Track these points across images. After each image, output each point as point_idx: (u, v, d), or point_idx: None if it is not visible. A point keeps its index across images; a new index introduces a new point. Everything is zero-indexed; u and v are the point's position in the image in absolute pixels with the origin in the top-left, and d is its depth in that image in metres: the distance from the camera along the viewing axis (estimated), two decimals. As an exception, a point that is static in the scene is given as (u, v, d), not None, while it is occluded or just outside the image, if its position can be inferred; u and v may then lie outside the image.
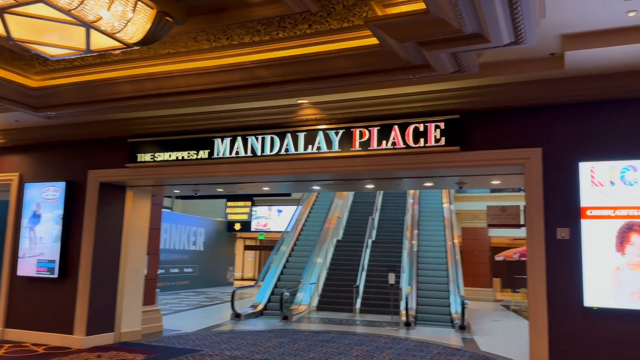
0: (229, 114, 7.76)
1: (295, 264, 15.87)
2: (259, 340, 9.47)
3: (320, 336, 10.12)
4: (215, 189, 9.48)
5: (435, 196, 19.87)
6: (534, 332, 6.01)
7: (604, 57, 5.36)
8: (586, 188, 5.95)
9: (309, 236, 17.37)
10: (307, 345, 9.11)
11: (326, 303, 14.46)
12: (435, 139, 6.73)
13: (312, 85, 5.78)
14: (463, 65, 5.17)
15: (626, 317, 5.65)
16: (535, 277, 6.11)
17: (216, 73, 5.94)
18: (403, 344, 9.46)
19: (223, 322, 12.06)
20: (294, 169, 7.60)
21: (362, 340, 9.71)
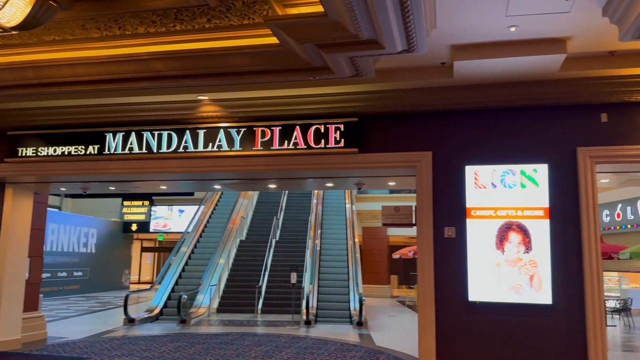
0: (123, 107, 7.36)
1: (195, 266, 15.43)
2: (153, 346, 9.08)
3: (219, 339, 9.92)
4: (107, 187, 8.94)
5: (338, 197, 20.33)
6: (423, 325, 6.33)
7: (488, 67, 5.77)
8: (471, 190, 6.38)
9: (212, 237, 16.99)
10: (204, 348, 8.89)
11: (227, 305, 14.21)
12: (335, 141, 6.86)
13: (211, 81, 5.65)
14: (360, 69, 5.31)
15: (505, 310, 6.13)
16: (424, 273, 6.44)
17: (107, 63, 5.60)
18: (302, 342, 9.55)
19: (115, 328, 11.41)
20: (193, 168, 7.37)
21: (261, 341, 9.66)
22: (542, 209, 6.12)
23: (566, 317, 5.96)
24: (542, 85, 6.13)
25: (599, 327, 5.83)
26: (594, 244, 5.97)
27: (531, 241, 6.09)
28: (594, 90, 6.02)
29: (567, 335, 5.93)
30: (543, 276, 6.01)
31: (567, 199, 6.13)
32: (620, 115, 6.08)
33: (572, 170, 6.18)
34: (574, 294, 5.97)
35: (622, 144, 6.03)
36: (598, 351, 5.79)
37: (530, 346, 6.00)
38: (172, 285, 14.34)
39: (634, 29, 4.18)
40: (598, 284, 5.91)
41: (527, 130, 6.38)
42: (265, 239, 16.77)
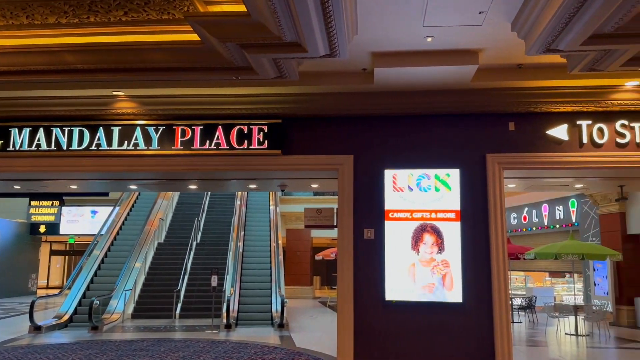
0: (30, 101, 6.87)
1: (109, 270, 14.71)
2: (61, 354, 8.54)
3: (133, 345, 9.52)
4: (12, 186, 8.30)
5: (262, 198, 20.20)
6: (341, 325, 6.43)
7: (406, 75, 5.98)
8: (389, 193, 6.57)
9: (127, 239, 16.27)
10: (117, 356, 8.49)
11: (143, 310, 13.66)
12: (258, 142, 6.81)
13: (127, 76, 5.42)
14: (284, 71, 5.32)
15: (419, 309, 6.37)
16: (343, 274, 6.55)
17: (13, 54, 5.20)
18: (222, 347, 9.38)
19: (19, 336, 10.62)
20: (106, 166, 7.03)
21: (179, 347, 9.38)
22: (454, 211, 6.43)
23: (475, 314, 6.29)
24: (455, 94, 6.44)
25: (505, 323, 6.21)
26: (500, 245, 6.35)
27: (444, 242, 6.38)
28: (502, 100, 6.42)
29: (476, 331, 6.27)
30: (454, 276, 6.31)
31: (476, 203, 6.48)
32: (526, 124, 6.52)
33: (482, 175, 6.54)
34: (482, 293, 6.32)
35: (528, 151, 6.47)
36: (504, 346, 6.16)
37: (443, 342, 6.27)
38: (83, 290, 13.58)
39: (538, 44, 4.50)
40: (504, 282, 6.29)
41: (442, 137, 6.67)
42: (186, 242, 16.33)
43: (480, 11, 4.65)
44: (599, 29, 4.09)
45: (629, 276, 13.81)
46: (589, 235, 15.06)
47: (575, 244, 11.93)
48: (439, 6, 4.59)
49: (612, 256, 11.66)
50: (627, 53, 4.47)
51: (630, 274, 13.82)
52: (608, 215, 14.33)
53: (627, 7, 3.75)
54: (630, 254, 13.70)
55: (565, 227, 16.19)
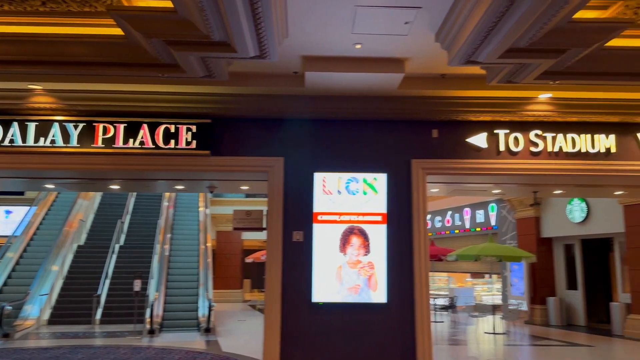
0: None
1: (24, 273, 13.84)
2: (-35, 366, 7.92)
3: (48, 353, 8.98)
4: None
5: (192, 199, 19.72)
6: (268, 327, 6.40)
7: (336, 80, 6.06)
8: (319, 196, 6.63)
9: (44, 241, 15.35)
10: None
11: (60, 316, 12.95)
12: (186, 142, 6.65)
13: (45, 69, 5.11)
14: (213, 71, 5.22)
15: (345, 310, 6.46)
16: (272, 276, 6.52)
17: None
18: (144, 353, 9.06)
19: None
20: (21, 164, 6.59)
21: (97, 354, 8.95)
22: (380, 214, 6.58)
23: (398, 314, 6.47)
24: (383, 100, 6.61)
25: (425, 322, 6.43)
26: (422, 247, 6.58)
27: (370, 244, 6.52)
28: (427, 108, 6.65)
29: (399, 330, 6.44)
30: (379, 277, 6.46)
31: (401, 206, 6.68)
32: (448, 131, 6.80)
33: (407, 180, 6.74)
34: (405, 293, 6.51)
35: (450, 157, 6.75)
36: (425, 344, 6.38)
37: (367, 342, 6.40)
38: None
39: (460, 55, 4.71)
40: (425, 283, 6.52)
41: (369, 142, 6.82)
42: (108, 244, 15.63)
43: (406, 21, 4.81)
44: (515, 43, 4.34)
45: (542, 277, 14.77)
46: (507, 238, 15.95)
47: (494, 247, 12.60)
48: (367, 14, 4.69)
49: (527, 258, 12.42)
50: (540, 67, 4.77)
51: (543, 275, 14.78)
52: (524, 220, 15.25)
53: (540, 24, 4.01)
54: (544, 256, 14.66)
55: (485, 230, 17.06)
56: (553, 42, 4.32)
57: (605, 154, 6.77)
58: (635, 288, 11.82)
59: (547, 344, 11.13)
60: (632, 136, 6.80)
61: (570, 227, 13.82)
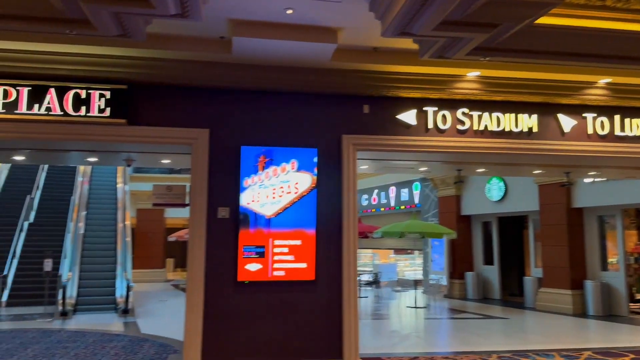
0: None
1: None
2: None
3: (-59, 341, 8.12)
4: None
5: (109, 175, 18.58)
6: (190, 306, 6.10)
7: (266, 48, 5.74)
8: (247, 170, 6.33)
9: (-61, 218, 13.90)
10: None
11: (-42, 299, 11.82)
12: (99, 109, 6.09)
13: None
14: (128, 29, 4.73)
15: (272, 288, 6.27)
16: (195, 254, 6.20)
17: None
18: (55, 336, 8.44)
19: None
20: None
21: (2, 338, 8.22)
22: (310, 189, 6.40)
23: (326, 291, 6.37)
24: (315, 73, 6.37)
25: (352, 298, 6.39)
26: (352, 224, 6.50)
27: (299, 221, 6.34)
28: (359, 83, 6.51)
29: (326, 307, 6.36)
30: (309, 254, 6.32)
31: (331, 182, 6.54)
32: (379, 107, 6.71)
33: (337, 156, 6.61)
34: (333, 270, 6.42)
35: (380, 134, 6.67)
36: (351, 320, 6.34)
37: (295, 321, 6.26)
38: None
39: (393, 26, 4.56)
40: (354, 260, 6.46)
41: (301, 116, 6.60)
42: (15, 222, 14.42)
43: (340, -14, 4.59)
44: (449, 15, 4.24)
45: (461, 253, 15.39)
46: (429, 215, 16.44)
47: (417, 224, 12.90)
48: (300, -24, 4.41)
49: (449, 234, 12.83)
50: (472, 42, 4.74)
51: (462, 251, 15.40)
52: (446, 198, 15.76)
53: (474, -3, 3.93)
54: (463, 232, 15.25)
55: (409, 208, 17.49)
56: (486, 15, 4.27)
57: (528, 134, 6.98)
58: (547, 263, 12.58)
59: (465, 317, 11.61)
60: (553, 116, 7.05)
61: (489, 205, 14.44)
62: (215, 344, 6.10)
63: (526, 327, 10.76)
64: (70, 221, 14.59)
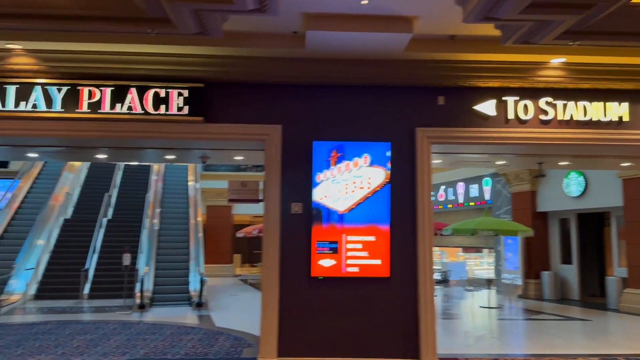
0: None
1: (9, 247, 13.41)
2: (-53, 343, 7.58)
3: (34, 328, 8.67)
4: None
5: (181, 173, 19.26)
6: (265, 302, 6.13)
7: (339, 41, 5.65)
8: (320, 165, 6.28)
9: (29, 215, 14.89)
10: (15, 340, 7.66)
11: (47, 290, 12.61)
12: (177, 107, 6.25)
13: (22, 23, 4.66)
14: (206, 27, 4.81)
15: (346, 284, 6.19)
16: (269, 250, 6.22)
17: None
18: (134, 328, 8.79)
19: None
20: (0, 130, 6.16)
21: (86, 329, 8.66)
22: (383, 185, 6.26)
23: (401, 288, 6.22)
24: (388, 64, 6.22)
25: (429, 296, 6.20)
26: (427, 219, 6.30)
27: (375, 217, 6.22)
28: (433, 73, 6.29)
29: (402, 305, 6.20)
30: (382, 251, 6.19)
31: (405, 177, 6.37)
32: (455, 98, 6.45)
33: (411, 149, 6.42)
34: (408, 267, 6.25)
35: (456, 126, 6.42)
36: (427, 319, 6.16)
37: (369, 318, 6.16)
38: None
39: (477, 10, 4.34)
40: (429, 256, 6.26)
41: (373, 109, 6.47)
42: (95, 218, 15.23)
43: (419, -27, 4.42)
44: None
45: (537, 251, 14.67)
46: (501, 212, 15.79)
47: (490, 221, 12.40)
48: (377, -36, 4.29)
49: (524, 232, 12.24)
50: (562, 25, 4.43)
51: (538, 249, 14.68)
52: (520, 194, 15.07)
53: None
54: (539, 230, 14.51)
55: (479, 204, 16.88)
56: (581, -6, 3.98)
57: (618, 123, 6.48)
58: (632, 262, 11.73)
59: (543, 318, 11.05)
60: (646, 104, 6.52)
61: (567, 201, 13.66)
62: (290, 339, 6.11)
63: (611, 329, 10.08)
64: (146, 217, 15.21)
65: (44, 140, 6.65)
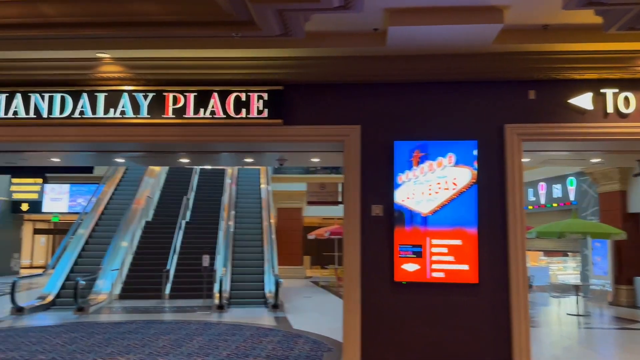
0: (6, 64, 6.22)
1: (95, 249, 14.16)
2: (46, 338, 8.04)
3: (121, 327, 9.04)
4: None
5: (253, 177, 19.65)
6: (347, 307, 5.98)
7: (423, 36, 5.43)
8: (401, 166, 6.08)
9: (113, 218, 15.67)
10: (105, 339, 8.00)
11: (131, 290, 13.19)
12: (258, 111, 6.27)
13: (111, 32, 4.82)
14: (290, 27, 4.76)
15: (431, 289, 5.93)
16: (350, 253, 6.08)
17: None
18: (215, 329, 8.95)
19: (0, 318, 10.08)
20: (91, 136, 6.44)
21: (170, 329, 8.91)
22: (469, 186, 5.96)
23: (491, 296, 5.88)
24: (474, 58, 5.93)
25: (522, 304, 5.82)
26: (519, 221, 5.93)
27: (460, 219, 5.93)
28: (524, 66, 5.92)
29: (492, 313, 5.86)
30: (470, 254, 5.88)
31: (493, 177, 6.03)
32: (547, 92, 6.04)
33: (499, 148, 6.07)
34: (499, 272, 5.90)
35: (549, 121, 6.00)
36: (521, 329, 5.78)
37: (457, 326, 5.87)
38: (68, 270, 13.02)
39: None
40: (522, 260, 5.88)
41: (457, 106, 6.18)
42: (174, 220, 15.79)
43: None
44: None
45: (628, 255, 13.60)
46: (587, 213, 14.80)
47: (579, 223, 11.63)
48: (469, -49, 4.04)
49: (617, 235, 11.37)
50: (680, 6, 3.99)
51: (629, 253, 13.60)
52: (608, 194, 14.05)
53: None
54: (631, 232, 13.44)
55: (563, 205, 15.92)
56: None
57: None
58: None
59: (635, 327, 10.19)
60: None
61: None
62: (374, 345, 5.94)
63: None
64: (222, 220, 15.59)
65: (131, 146, 6.89)
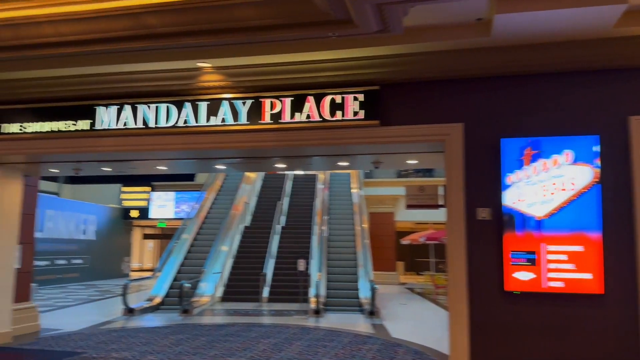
0: (115, 77, 6.62)
1: (198, 253, 14.79)
2: (154, 339, 8.43)
3: (223, 330, 9.27)
4: (100, 168, 8.22)
5: (344, 181, 19.61)
6: (454, 318, 5.63)
7: (533, 22, 4.99)
8: (509, 166, 5.64)
9: (214, 223, 16.31)
10: (208, 341, 8.23)
11: (232, 293, 13.59)
12: (353, 112, 6.13)
13: (213, 39, 4.90)
14: (388, 23, 4.56)
15: (548, 301, 5.43)
16: (455, 259, 5.73)
17: (93, 19, 4.82)
18: (313, 334, 8.90)
19: (113, 319, 10.77)
20: (194, 144, 6.65)
21: (269, 332, 9.00)
22: (590, 185, 5.38)
23: (619, 308, 5.25)
24: (591, 45, 5.36)
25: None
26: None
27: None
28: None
29: (619, 328, 5.23)
30: (592, 261, 5.30)
31: (619, 175, 5.40)
32: (682, 78, 5.32)
33: (624, 142, 5.43)
34: (627, 283, 5.26)
35: (684, 111, 5.29)
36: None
37: (579, 341, 5.30)
38: (174, 273, 13.69)
39: None
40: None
41: (573, 98, 5.62)
42: (270, 225, 16.11)
43: None
44: None
45: None
46: None
47: None
48: None
49: None
50: None
51: None
52: None
53: None
54: None
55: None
56: None
57: None
58: None
59: None
60: None
61: None
62: (484, 359, 5.52)
63: None
64: (315, 224, 15.65)
65: (230, 152, 7.04)
